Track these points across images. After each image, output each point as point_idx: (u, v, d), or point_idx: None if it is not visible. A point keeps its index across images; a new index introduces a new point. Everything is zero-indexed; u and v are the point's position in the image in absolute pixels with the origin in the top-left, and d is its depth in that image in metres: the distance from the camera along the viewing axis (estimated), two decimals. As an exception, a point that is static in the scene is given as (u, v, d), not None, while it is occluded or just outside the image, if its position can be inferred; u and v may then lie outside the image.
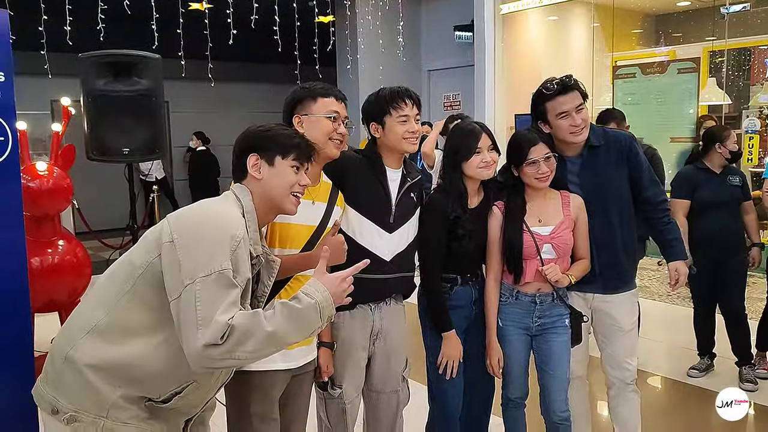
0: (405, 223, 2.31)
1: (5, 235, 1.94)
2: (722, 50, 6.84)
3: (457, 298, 2.41)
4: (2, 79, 1.89)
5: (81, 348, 1.54)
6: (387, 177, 2.27)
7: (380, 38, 8.05)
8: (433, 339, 2.44)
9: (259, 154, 1.70)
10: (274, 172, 1.69)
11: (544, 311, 2.41)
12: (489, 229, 2.42)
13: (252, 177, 1.70)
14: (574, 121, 2.39)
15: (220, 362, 1.45)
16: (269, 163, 1.70)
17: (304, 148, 1.74)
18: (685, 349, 4.09)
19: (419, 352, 2.55)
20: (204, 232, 1.51)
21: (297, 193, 1.72)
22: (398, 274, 2.30)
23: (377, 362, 2.36)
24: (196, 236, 1.50)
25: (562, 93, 2.40)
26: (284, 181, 1.70)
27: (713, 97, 6.57)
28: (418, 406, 2.65)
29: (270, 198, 1.71)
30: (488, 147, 2.31)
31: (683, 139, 7.03)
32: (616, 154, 2.53)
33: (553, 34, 7.80)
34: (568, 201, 2.45)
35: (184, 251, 1.47)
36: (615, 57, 7.67)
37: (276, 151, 1.70)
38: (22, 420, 2.03)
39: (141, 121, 3.94)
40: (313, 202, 2.07)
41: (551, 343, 2.43)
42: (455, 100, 8.69)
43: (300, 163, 1.73)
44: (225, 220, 1.55)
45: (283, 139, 1.73)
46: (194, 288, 1.44)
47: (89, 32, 5.01)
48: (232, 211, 1.61)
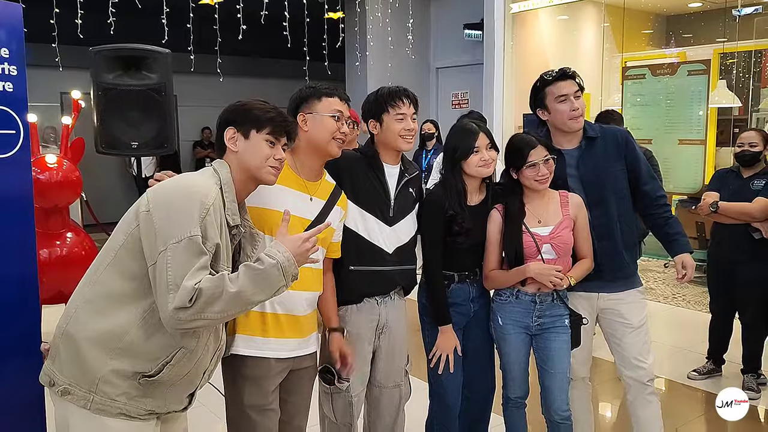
0: (405, 217, 2.37)
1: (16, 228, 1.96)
2: (733, 52, 6.80)
3: (454, 296, 2.44)
4: (15, 72, 1.91)
5: (75, 321, 1.64)
6: (385, 172, 2.33)
7: (389, 35, 8.04)
8: (432, 335, 2.47)
9: (236, 128, 1.77)
10: (249, 145, 1.76)
11: (544, 311, 2.42)
12: (488, 230, 2.43)
13: (230, 150, 1.78)
14: (573, 105, 2.49)
15: (190, 323, 1.54)
16: (245, 136, 1.77)
17: (278, 122, 1.79)
18: (688, 351, 4.09)
19: (420, 348, 2.57)
20: (176, 201, 1.60)
21: (273, 166, 1.78)
22: (401, 266, 2.35)
23: (381, 356, 2.40)
24: (169, 205, 1.59)
25: (561, 78, 2.53)
26: (259, 154, 1.76)
27: (723, 99, 6.53)
28: (418, 402, 2.67)
29: (247, 169, 1.77)
30: (486, 146, 2.35)
31: (692, 141, 7.01)
32: (614, 147, 2.58)
33: (563, 33, 7.77)
34: (566, 200, 2.46)
35: (159, 220, 1.57)
36: (625, 57, 7.64)
37: (251, 125, 1.77)
38: (30, 410, 2.06)
39: (150, 115, 3.95)
40: (311, 198, 2.11)
41: (551, 342, 2.43)
42: (463, 99, 8.68)
43: (275, 137, 1.78)
44: (196, 189, 1.62)
45: (258, 113, 1.78)
46: (166, 254, 1.53)
47: (100, 26, 5.03)
48: (206, 181, 1.68)
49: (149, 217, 1.58)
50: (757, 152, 3.59)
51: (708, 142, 6.79)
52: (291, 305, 2.07)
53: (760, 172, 3.61)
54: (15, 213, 1.97)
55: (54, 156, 3.58)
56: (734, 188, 3.61)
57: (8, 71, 1.90)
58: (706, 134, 6.90)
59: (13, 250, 1.98)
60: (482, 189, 2.45)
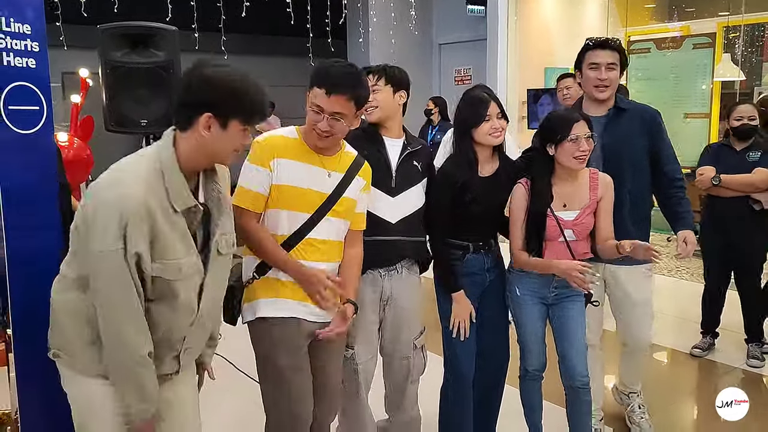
0: (409, 189, 2.39)
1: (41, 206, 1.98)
2: (737, 26, 6.77)
3: (469, 265, 2.47)
4: (37, 49, 1.93)
5: (53, 291, 1.75)
6: (385, 144, 2.39)
7: (392, 11, 8.00)
8: (445, 305, 2.51)
9: (215, 114, 1.57)
10: (224, 135, 1.59)
11: (562, 282, 2.42)
12: (512, 207, 2.43)
13: (197, 133, 1.58)
14: (600, 75, 2.61)
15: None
16: (223, 125, 1.58)
17: (261, 113, 1.64)
18: (693, 323, 4.15)
19: (436, 322, 2.61)
20: (97, 218, 1.53)
21: (237, 151, 1.66)
22: (405, 237, 2.38)
23: (387, 328, 2.47)
24: (90, 224, 1.55)
25: (599, 47, 2.65)
26: (233, 145, 1.62)
27: (728, 72, 6.52)
28: (435, 374, 2.72)
29: (212, 154, 1.64)
30: (497, 114, 2.37)
31: (697, 115, 7.01)
32: (640, 123, 2.65)
33: (566, 8, 7.72)
34: (596, 183, 2.44)
35: (83, 236, 1.59)
36: (629, 32, 7.61)
37: (235, 116, 1.59)
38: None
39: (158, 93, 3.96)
40: (329, 174, 2.11)
41: (568, 311, 2.46)
42: (466, 75, 8.65)
43: (251, 125, 1.64)
44: (117, 202, 1.51)
45: (249, 106, 1.61)
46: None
47: (103, 4, 5.01)
48: (133, 185, 1.54)
49: (76, 233, 1.63)
50: (755, 125, 3.67)
51: (712, 116, 6.79)
52: None
53: (752, 145, 3.69)
54: (39, 191, 1.99)
55: (65, 134, 3.60)
56: (731, 162, 3.68)
57: (31, 47, 1.92)
58: (711, 108, 6.90)
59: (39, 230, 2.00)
60: (494, 159, 2.47)
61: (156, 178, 1.57)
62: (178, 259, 1.61)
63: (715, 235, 3.82)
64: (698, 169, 3.75)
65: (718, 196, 3.70)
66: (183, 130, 1.61)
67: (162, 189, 1.57)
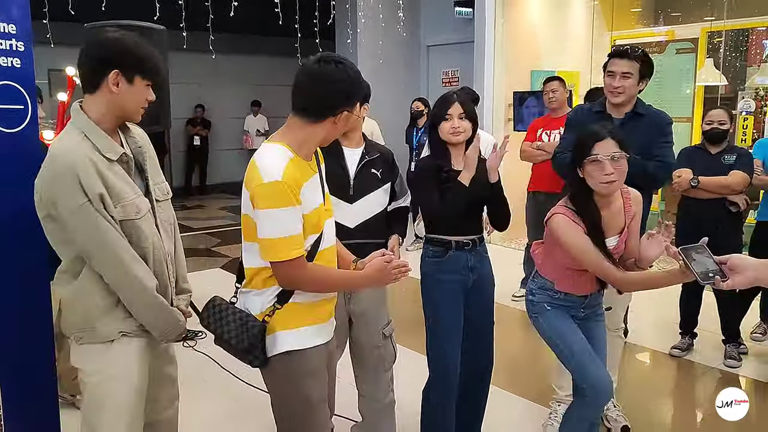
0: (367, 195, 2.54)
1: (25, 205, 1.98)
2: (721, 31, 6.87)
3: (451, 262, 2.52)
4: (22, 48, 1.94)
5: (58, 292, 1.90)
6: (344, 155, 2.52)
7: (380, 13, 8.03)
8: (431, 305, 2.57)
9: (121, 71, 1.77)
10: (131, 90, 1.79)
11: (590, 302, 2.38)
12: (569, 239, 2.20)
13: (107, 90, 1.78)
14: (614, 82, 2.80)
15: None
16: (129, 81, 1.79)
17: (159, 68, 1.85)
18: (672, 324, 4.22)
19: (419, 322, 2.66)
20: (54, 190, 1.71)
21: (144, 107, 1.86)
22: (366, 240, 2.46)
23: (354, 320, 2.62)
24: (54, 200, 1.72)
25: (617, 56, 2.84)
26: (139, 99, 1.82)
27: (710, 77, 6.61)
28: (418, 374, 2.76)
29: (122, 110, 1.82)
30: (459, 115, 2.47)
31: (680, 119, 7.09)
32: (656, 127, 2.81)
33: (553, 11, 7.79)
34: (630, 204, 2.29)
35: (54, 217, 1.75)
36: (614, 36, 7.69)
37: (138, 72, 1.79)
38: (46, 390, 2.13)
39: (145, 92, 3.96)
40: (319, 176, 1.91)
41: (593, 330, 2.39)
42: (454, 76, 8.70)
43: (153, 81, 1.84)
44: (63, 167, 1.70)
45: (149, 62, 1.82)
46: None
47: (91, 1, 5.00)
48: (68, 151, 1.73)
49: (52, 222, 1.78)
50: (725, 130, 3.78)
51: (695, 120, 6.88)
52: None
53: (726, 148, 3.80)
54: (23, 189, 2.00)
55: (51, 132, 3.60)
56: (706, 164, 3.77)
57: (16, 47, 1.94)
58: (693, 112, 6.99)
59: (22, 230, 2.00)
60: (468, 161, 2.44)
61: (83, 141, 1.76)
62: (132, 199, 1.80)
63: (692, 237, 3.86)
64: (675, 172, 3.81)
65: (695, 198, 3.77)
66: (92, 93, 1.80)
67: (92, 147, 1.75)
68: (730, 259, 1.59)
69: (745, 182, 3.67)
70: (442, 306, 2.54)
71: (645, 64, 2.83)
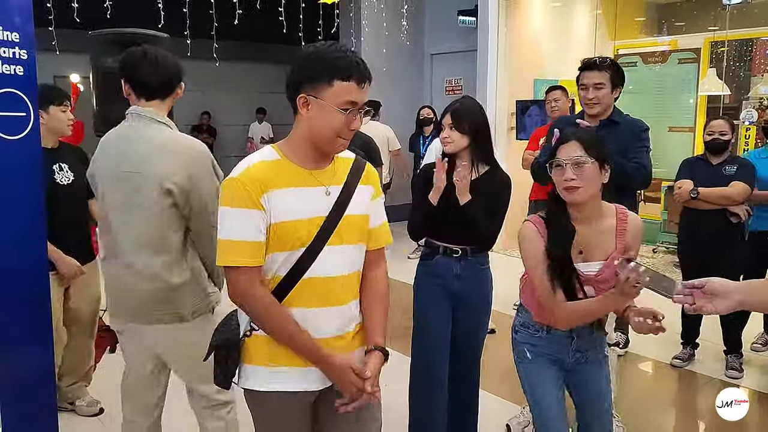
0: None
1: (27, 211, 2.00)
2: (723, 41, 6.88)
3: (437, 266, 2.57)
4: (25, 56, 1.96)
5: (168, 279, 2.17)
6: None
7: (384, 21, 8.06)
8: (416, 305, 2.63)
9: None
10: None
11: (582, 345, 2.04)
12: (524, 251, 1.99)
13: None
14: (588, 94, 2.86)
15: None
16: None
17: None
18: (674, 334, 4.20)
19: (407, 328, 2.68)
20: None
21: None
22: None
23: None
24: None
25: (587, 69, 2.88)
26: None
27: (712, 87, 6.61)
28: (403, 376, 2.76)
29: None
30: (449, 125, 2.50)
31: (682, 129, 7.10)
32: (631, 134, 2.83)
33: (556, 20, 7.81)
34: (624, 227, 1.93)
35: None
36: (617, 45, 7.71)
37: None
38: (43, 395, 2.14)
39: (149, 100, 3.99)
40: (327, 191, 1.63)
41: (590, 376, 2.06)
42: (457, 85, 8.73)
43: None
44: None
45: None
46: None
47: (96, 9, 5.04)
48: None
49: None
50: (726, 140, 3.77)
51: (697, 130, 6.88)
52: (316, 325, 1.63)
53: (728, 159, 3.79)
54: (25, 196, 2.02)
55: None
56: (707, 175, 3.76)
57: (19, 55, 1.96)
58: (695, 122, 6.99)
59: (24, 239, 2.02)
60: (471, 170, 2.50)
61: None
62: None
63: (693, 248, 3.89)
64: (676, 183, 3.82)
65: (695, 209, 3.76)
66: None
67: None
68: (708, 283, 1.46)
69: (745, 193, 3.66)
70: (426, 306, 2.60)
71: (616, 73, 2.88)
